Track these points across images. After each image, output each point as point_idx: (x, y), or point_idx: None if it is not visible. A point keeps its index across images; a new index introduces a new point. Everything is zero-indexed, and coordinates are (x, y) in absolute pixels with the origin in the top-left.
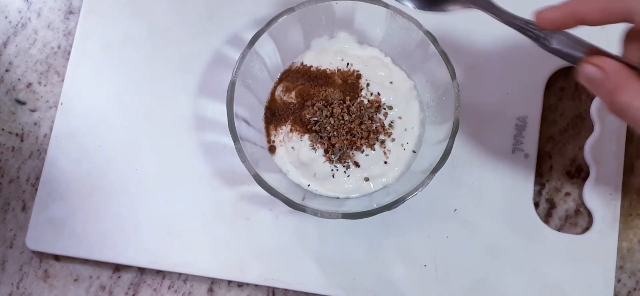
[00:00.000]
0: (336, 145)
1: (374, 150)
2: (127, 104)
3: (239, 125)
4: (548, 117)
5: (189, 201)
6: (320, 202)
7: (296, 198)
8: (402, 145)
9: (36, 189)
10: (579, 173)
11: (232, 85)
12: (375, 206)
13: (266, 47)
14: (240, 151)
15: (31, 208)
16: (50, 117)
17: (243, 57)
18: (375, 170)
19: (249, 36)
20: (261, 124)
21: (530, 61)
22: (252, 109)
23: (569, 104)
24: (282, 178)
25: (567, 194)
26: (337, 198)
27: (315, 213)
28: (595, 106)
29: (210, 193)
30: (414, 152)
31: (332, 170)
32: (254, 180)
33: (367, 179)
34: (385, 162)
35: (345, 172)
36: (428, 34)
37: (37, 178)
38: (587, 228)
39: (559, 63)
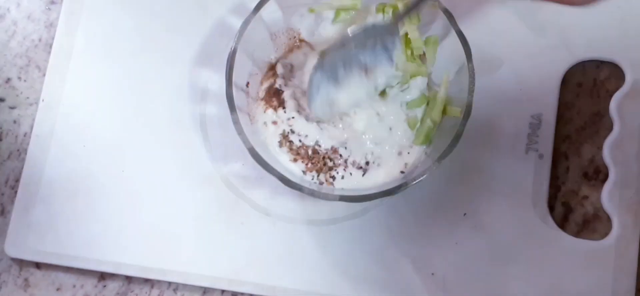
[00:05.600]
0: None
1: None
2: (113, 101)
3: (236, 93)
4: (564, 115)
5: (179, 205)
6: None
7: (292, 176)
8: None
9: (16, 192)
10: (597, 175)
11: (233, 52)
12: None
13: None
14: (236, 122)
15: (10, 212)
16: (30, 114)
17: (235, 55)
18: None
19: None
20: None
21: (545, 55)
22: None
23: (587, 101)
24: None
25: (585, 197)
26: None
27: (312, 193)
28: (614, 103)
29: (202, 197)
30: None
31: None
32: (250, 154)
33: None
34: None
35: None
36: (446, 11)
37: (17, 180)
38: (606, 234)
39: (576, 58)
